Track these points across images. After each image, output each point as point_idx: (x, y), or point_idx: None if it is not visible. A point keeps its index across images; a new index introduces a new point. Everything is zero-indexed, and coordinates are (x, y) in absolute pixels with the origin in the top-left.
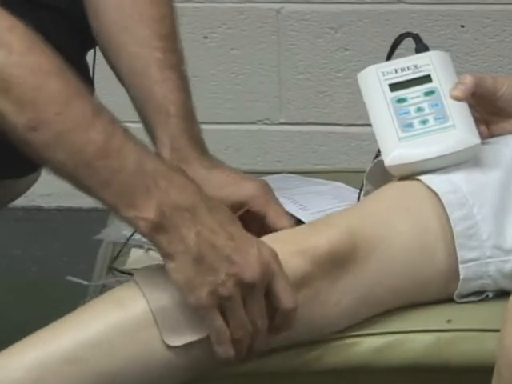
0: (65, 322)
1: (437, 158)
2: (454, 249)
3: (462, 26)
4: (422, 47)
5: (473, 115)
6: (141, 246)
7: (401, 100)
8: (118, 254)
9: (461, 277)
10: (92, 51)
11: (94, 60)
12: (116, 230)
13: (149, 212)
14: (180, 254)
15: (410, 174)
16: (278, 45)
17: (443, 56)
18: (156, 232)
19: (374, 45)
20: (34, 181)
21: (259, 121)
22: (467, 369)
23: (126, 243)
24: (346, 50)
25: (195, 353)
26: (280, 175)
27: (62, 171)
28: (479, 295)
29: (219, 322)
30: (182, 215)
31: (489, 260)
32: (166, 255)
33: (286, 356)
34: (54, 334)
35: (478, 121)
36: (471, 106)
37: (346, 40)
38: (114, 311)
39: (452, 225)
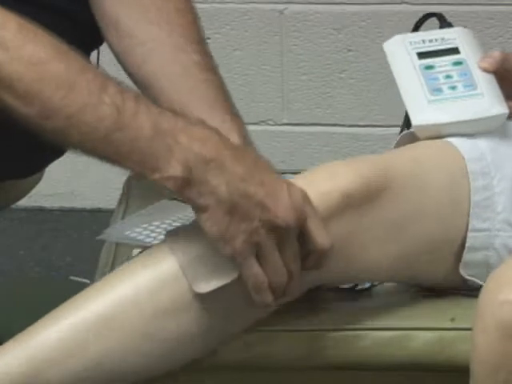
0: (95, 289)
1: (465, 122)
2: (467, 216)
3: (465, 27)
4: (446, 26)
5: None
6: (143, 247)
7: (429, 67)
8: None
9: (467, 244)
10: (95, 51)
11: (98, 60)
12: (118, 231)
13: (175, 170)
14: (212, 206)
15: (437, 136)
16: (281, 45)
17: (469, 32)
18: (186, 187)
19: (377, 46)
20: (38, 181)
21: (262, 121)
22: (469, 368)
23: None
24: (349, 50)
25: (226, 300)
26: None
27: (82, 150)
28: (483, 269)
29: (256, 268)
30: (208, 167)
31: (497, 233)
32: (199, 208)
33: (285, 352)
34: (85, 300)
35: (504, 96)
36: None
37: (349, 41)
38: (141, 271)
39: (471, 192)
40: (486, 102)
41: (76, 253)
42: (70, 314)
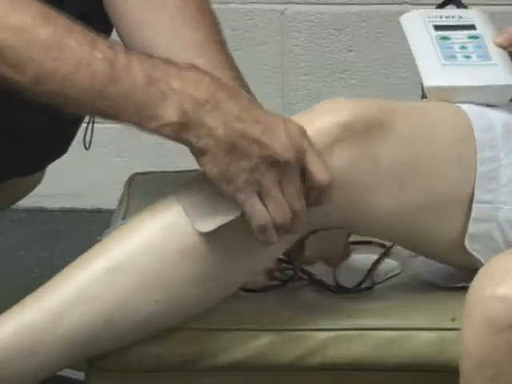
0: (103, 244)
1: (477, 88)
2: (473, 181)
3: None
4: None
5: None
6: None
7: (445, 38)
8: None
9: (472, 215)
10: None
11: None
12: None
13: (171, 116)
14: (211, 147)
15: (447, 100)
16: (281, 46)
17: (486, 15)
18: (183, 132)
19: (377, 46)
20: (38, 181)
21: None
22: None
23: None
24: (350, 51)
25: (231, 239)
26: None
27: (80, 109)
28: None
29: (259, 206)
30: (204, 109)
31: (501, 206)
32: (198, 151)
33: (284, 349)
34: (94, 257)
35: None
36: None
37: (349, 41)
38: (149, 220)
39: (478, 163)
40: (500, 71)
41: (77, 253)
42: (82, 269)
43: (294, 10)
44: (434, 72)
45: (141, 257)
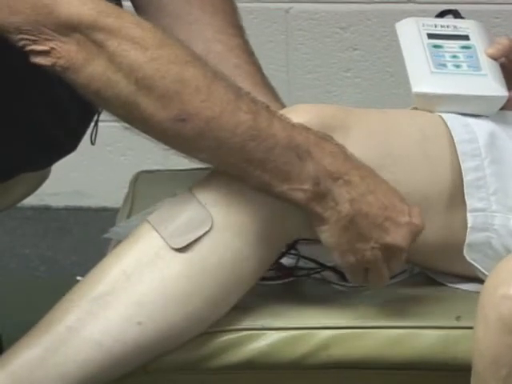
0: (86, 282)
1: (465, 97)
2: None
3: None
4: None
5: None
6: None
7: (437, 46)
8: None
9: (469, 225)
10: None
11: None
12: (124, 229)
13: (306, 183)
14: (333, 220)
15: (434, 108)
16: (286, 44)
17: (483, 26)
18: (313, 201)
19: (382, 44)
20: (44, 179)
21: None
22: None
23: None
24: (355, 49)
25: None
26: None
27: (213, 157)
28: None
29: (362, 278)
30: (336, 183)
31: (494, 214)
32: (320, 220)
33: (289, 348)
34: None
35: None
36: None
37: (354, 40)
38: (125, 246)
39: (463, 173)
40: (490, 81)
41: (82, 251)
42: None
43: (299, 9)
44: (423, 79)
45: (120, 280)
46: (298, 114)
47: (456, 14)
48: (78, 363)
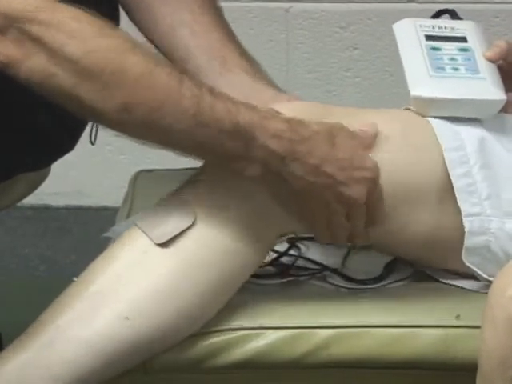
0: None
1: (464, 101)
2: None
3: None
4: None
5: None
6: None
7: (435, 48)
8: None
9: (466, 229)
10: None
11: None
12: (124, 228)
13: (256, 164)
14: (291, 193)
15: (432, 112)
16: (286, 44)
17: (480, 27)
18: (268, 176)
19: (382, 44)
20: (44, 178)
21: None
22: (474, 366)
23: None
24: (355, 49)
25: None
26: None
27: (164, 144)
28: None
29: (329, 236)
30: (284, 162)
31: (490, 218)
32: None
33: (288, 347)
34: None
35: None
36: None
37: (354, 39)
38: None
39: (453, 181)
40: (488, 85)
41: (82, 251)
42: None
43: (299, 8)
44: (422, 82)
45: (111, 278)
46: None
47: (453, 14)
48: (70, 364)
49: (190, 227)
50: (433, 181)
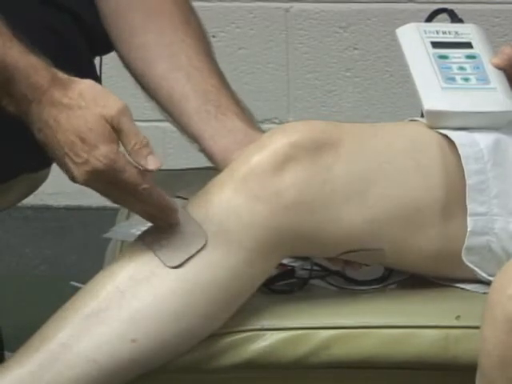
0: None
1: (477, 113)
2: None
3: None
4: (457, 21)
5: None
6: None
7: (443, 56)
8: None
9: (469, 229)
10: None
11: (101, 64)
12: (124, 229)
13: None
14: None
15: (445, 124)
16: (286, 44)
17: (481, 30)
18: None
19: (382, 44)
20: (44, 178)
21: (267, 120)
22: (474, 366)
23: None
24: (355, 49)
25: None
26: None
27: None
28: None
29: None
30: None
31: (495, 217)
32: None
33: (288, 348)
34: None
35: None
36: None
37: (354, 39)
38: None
39: (466, 176)
40: (501, 96)
41: (82, 251)
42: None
43: (299, 8)
44: (435, 96)
45: (114, 299)
46: (287, 133)
47: (451, 14)
48: (72, 380)
49: (200, 250)
50: (439, 197)
